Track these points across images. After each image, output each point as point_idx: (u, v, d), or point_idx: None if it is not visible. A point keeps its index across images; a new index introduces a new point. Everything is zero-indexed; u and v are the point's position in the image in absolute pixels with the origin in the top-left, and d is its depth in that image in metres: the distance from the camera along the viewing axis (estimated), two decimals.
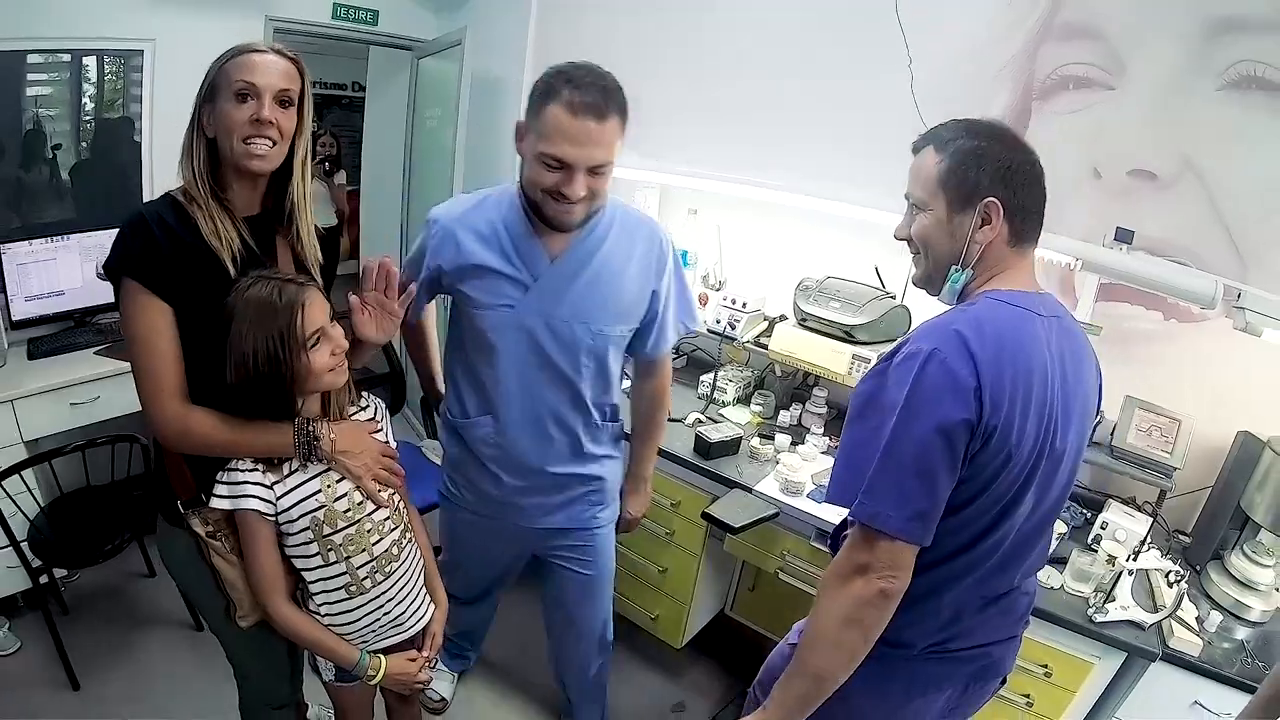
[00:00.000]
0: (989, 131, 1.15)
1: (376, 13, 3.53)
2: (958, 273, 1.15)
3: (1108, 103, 2.09)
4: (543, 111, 1.34)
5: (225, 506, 1.30)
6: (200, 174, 1.29)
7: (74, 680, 2.35)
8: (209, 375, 1.28)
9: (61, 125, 3.02)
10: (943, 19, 2.24)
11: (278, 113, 1.27)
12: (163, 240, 1.24)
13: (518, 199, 1.54)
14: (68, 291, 2.85)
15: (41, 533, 2.34)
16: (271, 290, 1.25)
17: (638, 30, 2.89)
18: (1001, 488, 1.07)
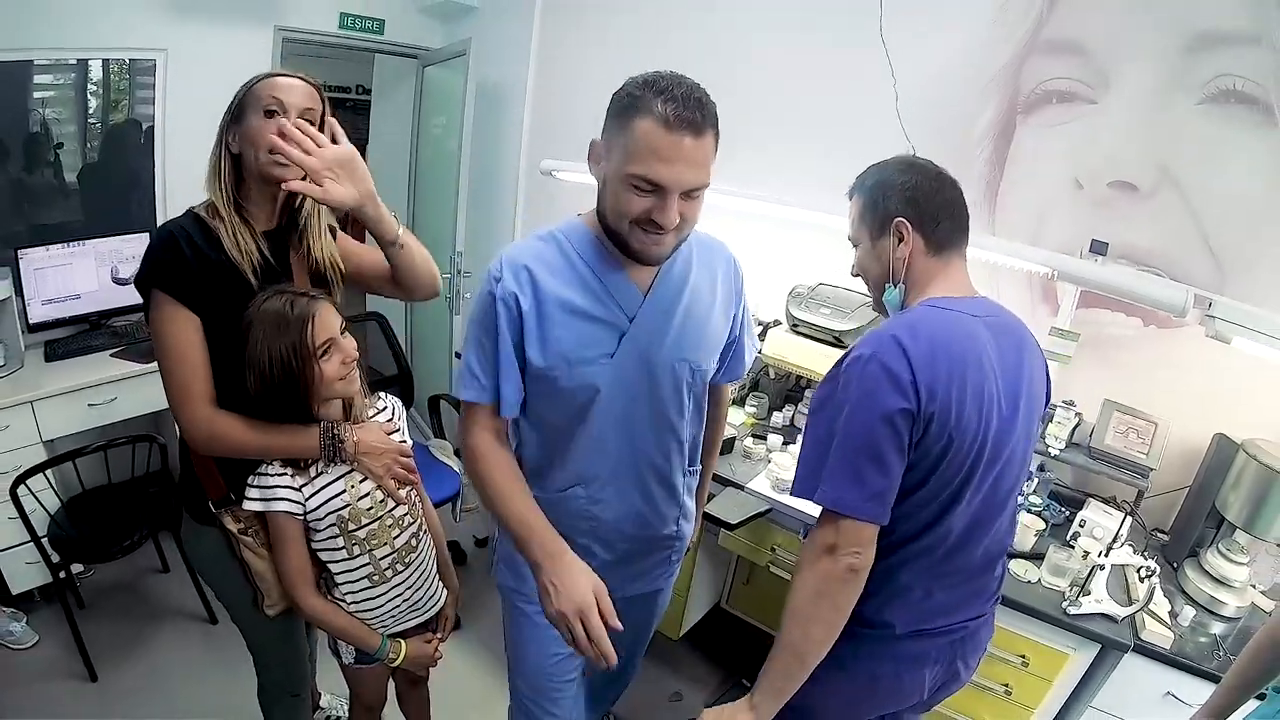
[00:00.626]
0: (894, 164, 1.33)
1: (382, 22, 3.61)
2: (891, 290, 1.31)
3: (1090, 116, 2.16)
4: (629, 127, 1.13)
5: (257, 508, 1.39)
6: (226, 189, 1.38)
7: (92, 672, 2.44)
8: (235, 382, 1.36)
9: (68, 127, 3.09)
10: (927, 35, 2.31)
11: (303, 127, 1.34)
12: (189, 255, 1.32)
13: (591, 231, 1.30)
14: (84, 295, 2.94)
15: (61, 529, 2.44)
16: (285, 303, 1.33)
17: (638, 42, 2.98)
18: (950, 471, 1.18)
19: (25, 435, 2.57)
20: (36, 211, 3.09)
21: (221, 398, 1.38)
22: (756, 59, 2.64)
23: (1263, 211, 1.98)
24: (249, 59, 3.24)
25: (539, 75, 3.42)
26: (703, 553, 2.39)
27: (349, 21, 3.50)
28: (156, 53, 3.07)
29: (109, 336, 2.95)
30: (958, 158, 2.29)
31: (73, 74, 3.25)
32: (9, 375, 2.65)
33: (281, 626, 1.61)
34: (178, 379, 1.35)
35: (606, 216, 1.23)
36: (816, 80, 2.51)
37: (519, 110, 3.50)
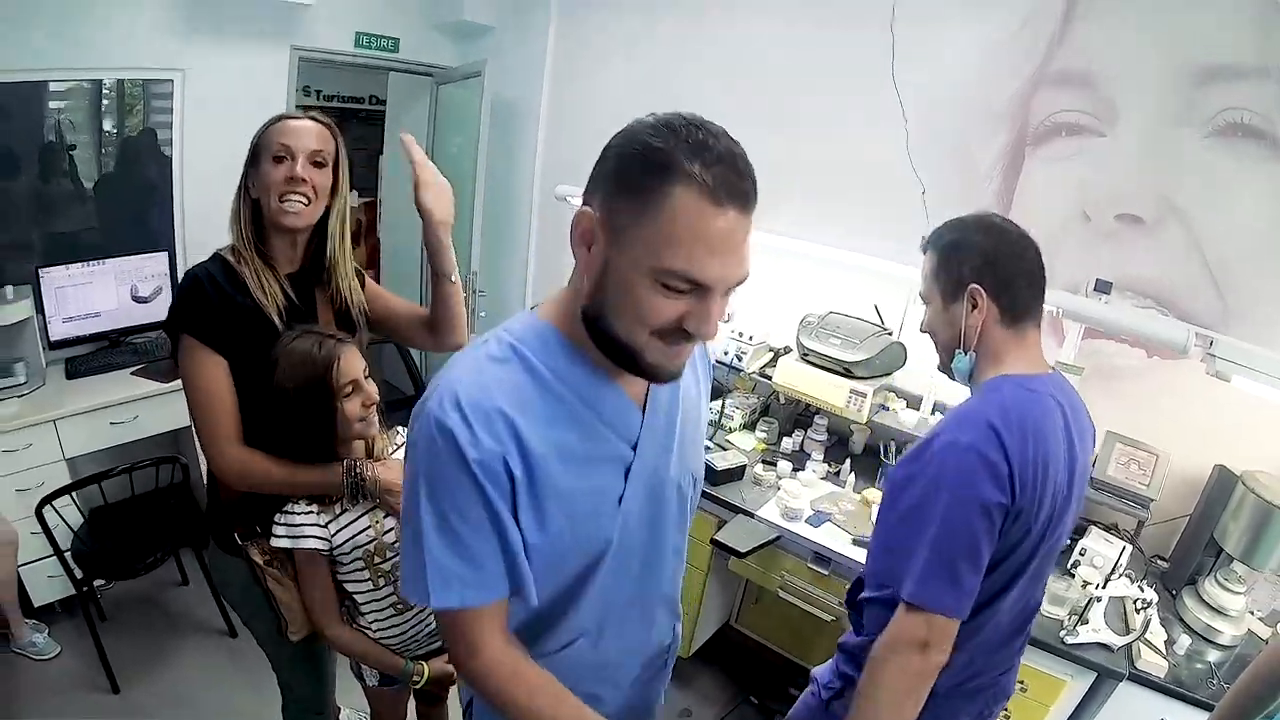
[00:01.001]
0: (974, 224, 1.28)
1: (398, 41, 3.65)
2: (961, 357, 1.29)
3: (1098, 149, 2.19)
4: (655, 199, 0.78)
5: (285, 545, 1.44)
6: (246, 234, 1.42)
7: (114, 684, 2.49)
8: (262, 420, 1.41)
9: (82, 136, 3.13)
10: (937, 68, 2.35)
11: (311, 171, 1.39)
12: (215, 298, 1.37)
13: (560, 335, 0.93)
14: (103, 313, 2.99)
15: (84, 544, 2.49)
16: (312, 344, 1.38)
17: (650, 72, 3.02)
18: (1020, 555, 1.20)
19: (48, 453, 2.62)
20: (52, 220, 3.14)
21: (249, 435, 1.42)
22: (767, 88, 2.68)
23: (1268, 245, 2.01)
24: (265, 78, 3.32)
25: (553, 96, 3.47)
26: (713, 575, 2.44)
27: (365, 41, 3.53)
28: (174, 73, 3.11)
29: (129, 354, 3.01)
30: (967, 191, 2.34)
31: (87, 84, 3.28)
32: (31, 393, 2.70)
33: (305, 650, 1.66)
34: (207, 419, 1.40)
35: (608, 321, 0.86)
36: (827, 113, 2.55)
37: (533, 131, 3.54)
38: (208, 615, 2.80)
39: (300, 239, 1.47)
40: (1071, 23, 2.17)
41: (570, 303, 0.91)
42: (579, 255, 0.87)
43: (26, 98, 2.91)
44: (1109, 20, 2.12)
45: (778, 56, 2.65)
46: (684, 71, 2.91)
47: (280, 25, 3.25)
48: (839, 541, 2.13)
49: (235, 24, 3.12)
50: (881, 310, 2.43)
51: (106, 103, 3.15)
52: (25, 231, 3.00)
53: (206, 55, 3.12)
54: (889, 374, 2.38)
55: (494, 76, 3.29)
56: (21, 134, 2.94)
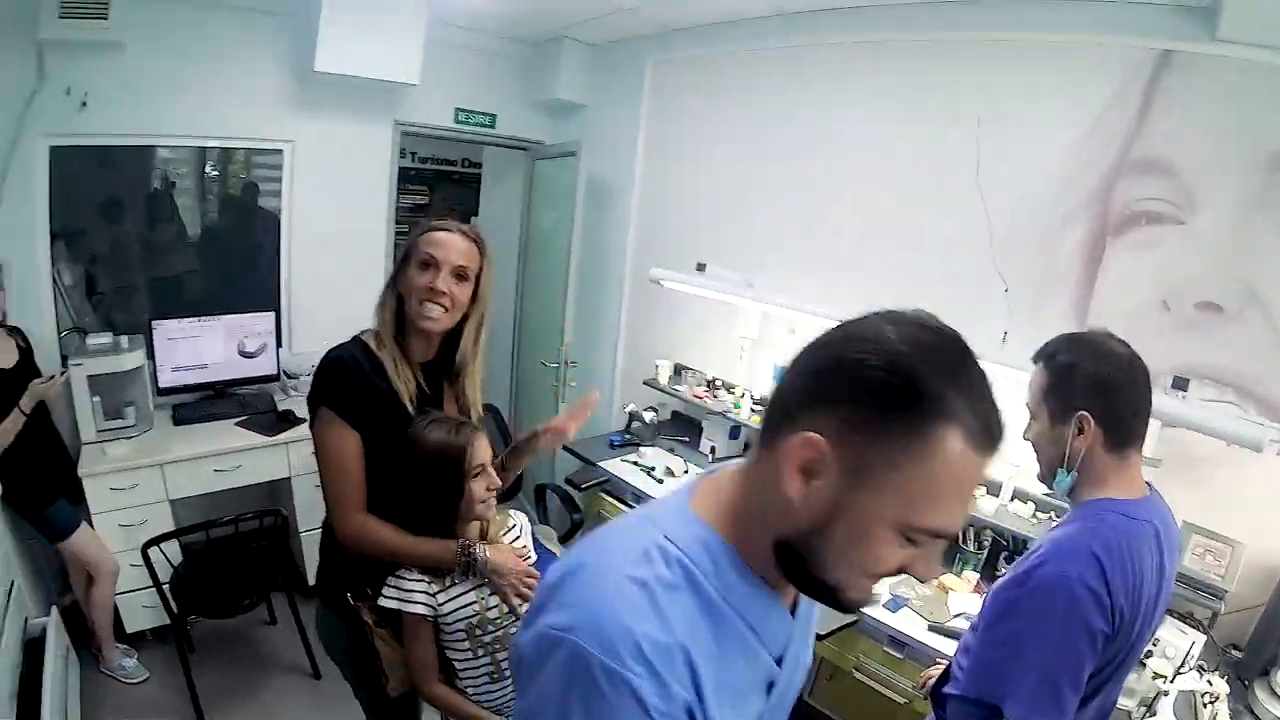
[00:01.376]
0: (1088, 346, 1.31)
1: (495, 116, 3.87)
2: (1063, 476, 1.32)
3: (1177, 236, 2.17)
4: (926, 444, 0.67)
5: (393, 606, 1.53)
6: (388, 324, 1.56)
7: (199, 713, 2.59)
8: (384, 494, 1.52)
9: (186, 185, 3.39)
10: (1020, 160, 2.39)
11: (452, 284, 1.51)
12: (357, 380, 1.50)
13: (732, 551, 0.77)
14: (210, 364, 3.20)
15: (183, 580, 2.62)
16: (449, 430, 1.50)
17: (743, 152, 3.12)
18: (1110, 668, 1.25)
19: (153, 494, 2.79)
20: (158, 269, 3.37)
21: (373, 506, 1.53)
22: (854, 181, 2.76)
23: None
24: (369, 150, 3.55)
25: (646, 173, 3.59)
26: None
27: (463, 116, 3.76)
28: (284, 144, 3.36)
29: (234, 405, 3.20)
30: (1047, 280, 2.36)
31: None
32: (140, 436, 2.89)
33: (401, 704, 1.74)
34: (337, 485, 1.50)
35: (820, 564, 0.72)
36: (911, 209, 2.62)
37: (626, 206, 3.67)
38: (294, 656, 2.89)
39: (435, 338, 1.60)
40: (1149, 111, 2.19)
41: (743, 513, 0.76)
42: (788, 482, 0.70)
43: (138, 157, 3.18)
44: (1185, 108, 2.13)
45: (866, 150, 2.74)
46: (773, 155, 3.01)
47: (385, 102, 3.49)
48: (915, 627, 2.16)
49: (344, 100, 3.36)
50: None
51: (211, 162, 3.39)
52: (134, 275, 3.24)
53: (315, 128, 3.36)
54: None
55: (588, 156, 3.44)
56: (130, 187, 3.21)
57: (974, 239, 2.46)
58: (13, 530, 2.54)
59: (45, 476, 2.53)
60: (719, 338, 3.26)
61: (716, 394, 3.15)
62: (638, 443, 3.13)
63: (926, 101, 2.58)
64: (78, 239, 3.15)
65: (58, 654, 2.37)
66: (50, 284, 2.94)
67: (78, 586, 2.73)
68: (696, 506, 0.79)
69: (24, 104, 2.70)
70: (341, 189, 3.50)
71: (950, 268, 2.54)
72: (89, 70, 2.78)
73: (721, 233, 3.23)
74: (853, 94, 2.79)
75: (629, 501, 2.86)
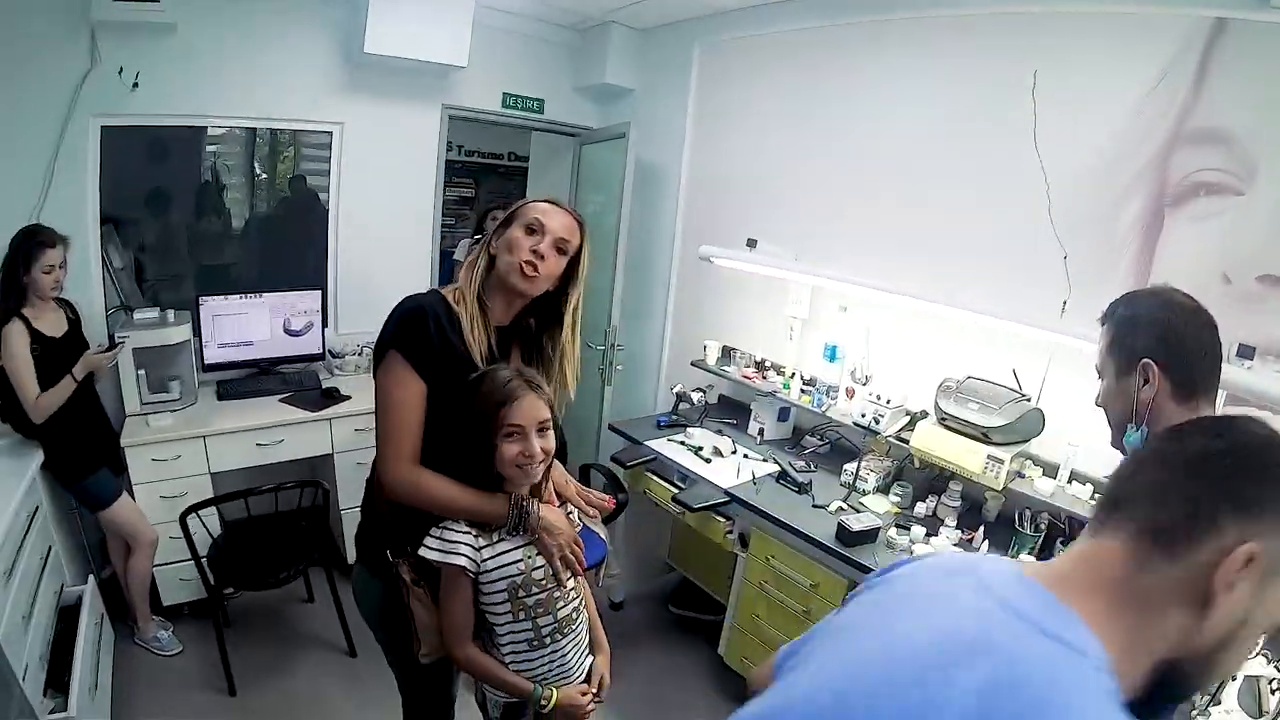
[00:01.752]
0: (1149, 298, 1.29)
1: (542, 102, 3.88)
2: (1133, 432, 1.27)
3: (1237, 208, 2.11)
4: None
5: (434, 558, 1.46)
6: (474, 282, 1.54)
7: (232, 687, 2.57)
8: (438, 449, 1.48)
9: (235, 178, 3.41)
10: (1078, 135, 2.34)
11: (552, 253, 1.50)
12: (433, 331, 1.46)
13: None
14: (256, 342, 3.21)
15: (222, 553, 2.62)
16: (506, 378, 1.44)
17: (792, 131, 3.09)
18: None
19: (195, 466, 2.79)
20: (206, 253, 3.38)
21: (426, 461, 1.49)
22: (907, 151, 2.72)
23: None
24: (417, 133, 3.57)
25: (694, 157, 3.58)
26: None
27: (511, 101, 3.77)
28: (334, 125, 3.38)
29: (277, 382, 3.20)
30: (1106, 256, 2.30)
31: (240, 131, 3.58)
32: (184, 409, 2.91)
33: (434, 674, 1.69)
34: (393, 432, 1.46)
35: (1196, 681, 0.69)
36: (968, 177, 2.57)
37: (674, 191, 3.66)
38: (331, 633, 2.86)
39: (516, 302, 1.58)
40: (1204, 81, 2.14)
41: (1120, 616, 0.66)
42: (1221, 600, 0.63)
43: (189, 151, 3.21)
44: (1242, 76, 2.08)
45: (918, 121, 2.70)
46: (822, 132, 2.98)
47: (434, 85, 3.50)
48: None
49: (393, 83, 3.38)
50: (1019, 376, 2.41)
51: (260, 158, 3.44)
52: (182, 264, 3.27)
53: (364, 110, 3.38)
54: (1027, 440, 2.34)
55: (636, 138, 3.42)
56: (181, 174, 3.26)
57: (1031, 207, 2.39)
58: (54, 500, 2.56)
59: (88, 446, 2.54)
60: (768, 319, 3.21)
61: (766, 375, 3.08)
62: (685, 424, 3.06)
63: (979, 75, 2.54)
64: (128, 227, 3.20)
65: (91, 621, 2.38)
66: (100, 263, 2.97)
67: (116, 558, 2.73)
68: (1062, 593, 0.67)
69: (76, 85, 2.74)
70: (390, 172, 3.51)
71: (1006, 238, 2.48)
72: (141, 52, 2.82)
73: (771, 211, 3.19)
74: (901, 68, 2.74)
75: (676, 482, 2.80)
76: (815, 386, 2.86)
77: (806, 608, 2.40)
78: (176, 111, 3.00)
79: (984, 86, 2.52)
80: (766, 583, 2.51)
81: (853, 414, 2.66)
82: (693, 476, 2.70)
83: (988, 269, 2.49)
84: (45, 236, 2.38)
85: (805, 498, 2.54)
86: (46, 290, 2.39)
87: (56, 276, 2.41)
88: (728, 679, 2.77)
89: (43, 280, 2.36)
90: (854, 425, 2.65)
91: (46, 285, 2.38)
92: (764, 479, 2.65)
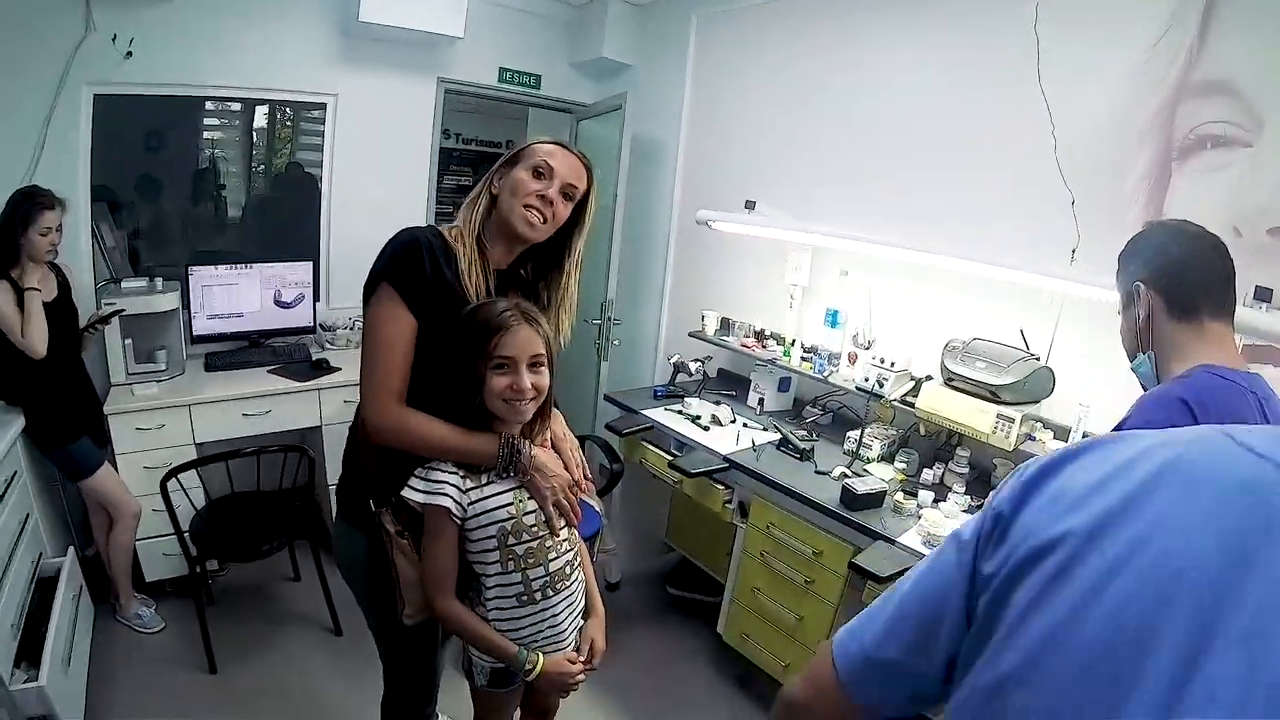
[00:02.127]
0: (1149, 229, 1.29)
1: (539, 77, 3.85)
2: (1142, 360, 1.25)
3: (1246, 160, 2.06)
4: None
5: (418, 499, 1.37)
6: (474, 223, 1.46)
7: (213, 665, 2.49)
8: (426, 390, 1.40)
9: (233, 166, 3.38)
10: (1083, 83, 2.29)
11: (558, 199, 1.43)
12: (428, 264, 1.38)
13: None
14: (246, 314, 3.14)
15: (204, 525, 2.54)
16: (502, 310, 1.36)
17: (790, 95, 3.05)
18: None
19: (180, 435, 2.73)
20: (200, 240, 3.34)
21: (413, 402, 1.41)
22: (912, 112, 2.66)
23: None
24: (413, 106, 3.53)
25: (691, 130, 3.54)
26: (844, 610, 2.29)
27: (507, 76, 3.73)
28: (328, 97, 3.34)
29: (267, 354, 3.13)
30: (1114, 208, 2.23)
31: (238, 119, 3.55)
32: (170, 379, 2.84)
33: (417, 637, 1.60)
34: (380, 369, 1.37)
35: None
36: (972, 133, 2.50)
37: (672, 164, 3.62)
38: (316, 612, 2.78)
39: (518, 247, 1.51)
40: (1209, 31, 2.09)
41: None
42: None
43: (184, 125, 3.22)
44: (1246, 25, 2.03)
45: (916, 73, 2.64)
46: (819, 98, 2.94)
47: (430, 57, 3.46)
48: None
49: (388, 54, 3.34)
50: (1027, 335, 2.33)
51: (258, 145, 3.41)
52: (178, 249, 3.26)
53: (360, 82, 3.34)
54: (1037, 401, 2.25)
55: (633, 111, 3.37)
56: (178, 160, 3.26)
57: (1037, 149, 2.33)
58: (36, 470, 2.49)
59: (70, 413, 2.48)
60: (768, 288, 3.14)
61: (765, 344, 3.00)
62: (682, 395, 2.98)
63: (978, 20, 2.49)
64: (123, 209, 3.17)
65: (69, 593, 2.31)
66: (89, 234, 2.93)
67: (99, 532, 2.66)
68: None
69: (71, 53, 2.71)
70: (385, 145, 3.47)
71: (1012, 184, 2.41)
72: (135, 20, 2.79)
73: (770, 178, 3.13)
74: (897, 22, 2.70)
75: (672, 450, 2.71)
76: (816, 353, 2.77)
77: (810, 578, 2.31)
78: (169, 81, 2.96)
79: (984, 33, 2.47)
80: (767, 553, 2.41)
81: (855, 379, 2.57)
82: (690, 444, 2.61)
83: (994, 219, 2.42)
84: (44, 198, 2.35)
85: (807, 464, 2.45)
86: (41, 253, 2.36)
87: (53, 239, 2.38)
88: (726, 660, 2.68)
89: (39, 242, 2.33)
90: (856, 390, 2.56)
91: (42, 247, 2.35)
92: (764, 446, 2.56)
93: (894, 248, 2.44)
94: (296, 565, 3.04)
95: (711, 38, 3.40)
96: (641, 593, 3.15)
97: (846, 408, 2.86)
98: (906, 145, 2.67)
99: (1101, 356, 2.20)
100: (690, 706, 2.56)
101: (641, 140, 3.60)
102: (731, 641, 2.61)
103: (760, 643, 2.48)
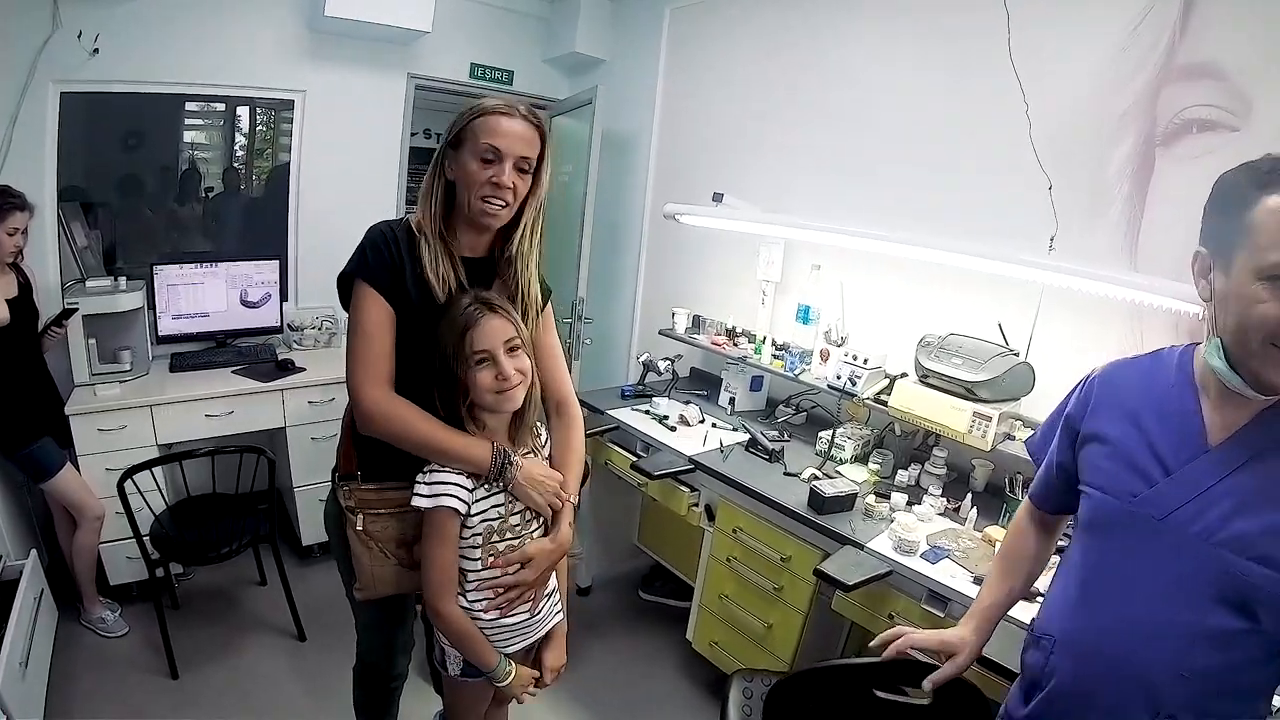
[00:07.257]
0: None
1: (512, 73, 3.79)
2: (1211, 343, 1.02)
3: (1232, 145, 1.97)
4: None
5: (424, 505, 1.37)
6: (434, 215, 1.41)
7: (174, 670, 2.46)
8: (410, 392, 1.39)
9: (215, 168, 3.36)
10: (1060, 64, 2.21)
11: (515, 178, 1.37)
12: (394, 257, 1.38)
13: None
14: (212, 314, 3.10)
15: (164, 528, 2.49)
16: (465, 307, 1.36)
17: (762, 88, 2.99)
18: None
19: (142, 436, 2.69)
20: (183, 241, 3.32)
21: None
22: (884, 100, 2.59)
23: None
24: (382, 103, 3.48)
25: (664, 125, 3.48)
26: (813, 617, 2.21)
27: (479, 72, 3.67)
28: (296, 94, 3.29)
29: (233, 354, 3.09)
30: (1094, 194, 2.16)
31: (221, 121, 3.50)
32: (133, 380, 2.80)
33: (377, 614, 1.63)
34: (363, 358, 1.37)
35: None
36: (945, 117, 2.43)
37: (644, 159, 3.55)
38: (280, 618, 2.74)
39: (486, 234, 1.47)
40: (1192, 11, 2.01)
41: None
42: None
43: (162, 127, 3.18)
44: (1231, 7, 1.95)
45: (887, 62, 2.58)
46: (791, 90, 2.87)
47: (399, 53, 3.41)
48: (958, 580, 1.88)
49: (357, 49, 3.29)
50: (1005, 330, 2.24)
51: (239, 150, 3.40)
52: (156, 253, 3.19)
53: (328, 78, 3.29)
54: (1016, 398, 2.16)
55: (605, 106, 3.32)
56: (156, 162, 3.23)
57: (1011, 132, 2.25)
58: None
59: (31, 414, 2.45)
60: (740, 285, 3.08)
61: (736, 341, 2.92)
62: (650, 394, 2.91)
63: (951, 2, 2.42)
64: (96, 210, 3.12)
65: (30, 596, 2.28)
66: (56, 234, 2.89)
67: (63, 535, 2.64)
68: None
69: (38, 49, 2.68)
70: (354, 143, 3.42)
71: (987, 170, 2.34)
72: (101, 17, 2.76)
73: (742, 172, 3.07)
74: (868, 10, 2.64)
75: (638, 451, 2.63)
76: (788, 351, 2.68)
77: (778, 584, 2.23)
78: (136, 78, 2.92)
79: (955, 12, 2.39)
80: (735, 558, 2.33)
81: (827, 376, 2.49)
82: (656, 445, 2.54)
83: (969, 207, 2.35)
84: (16, 198, 2.33)
85: (776, 466, 2.37)
86: (6, 252, 2.34)
87: (18, 241, 2.36)
88: (697, 666, 2.61)
89: (4, 241, 2.31)
90: (828, 389, 2.48)
91: (7, 247, 2.33)
92: (732, 447, 2.49)
93: (863, 237, 2.34)
94: (262, 569, 3.00)
95: (684, 31, 3.34)
96: (612, 598, 3.10)
97: (820, 407, 2.78)
98: (878, 134, 2.60)
99: (1083, 351, 2.13)
100: (662, 717, 2.49)
101: (614, 135, 3.55)
102: (701, 649, 2.53)
103: (729, 651, 2.41)
